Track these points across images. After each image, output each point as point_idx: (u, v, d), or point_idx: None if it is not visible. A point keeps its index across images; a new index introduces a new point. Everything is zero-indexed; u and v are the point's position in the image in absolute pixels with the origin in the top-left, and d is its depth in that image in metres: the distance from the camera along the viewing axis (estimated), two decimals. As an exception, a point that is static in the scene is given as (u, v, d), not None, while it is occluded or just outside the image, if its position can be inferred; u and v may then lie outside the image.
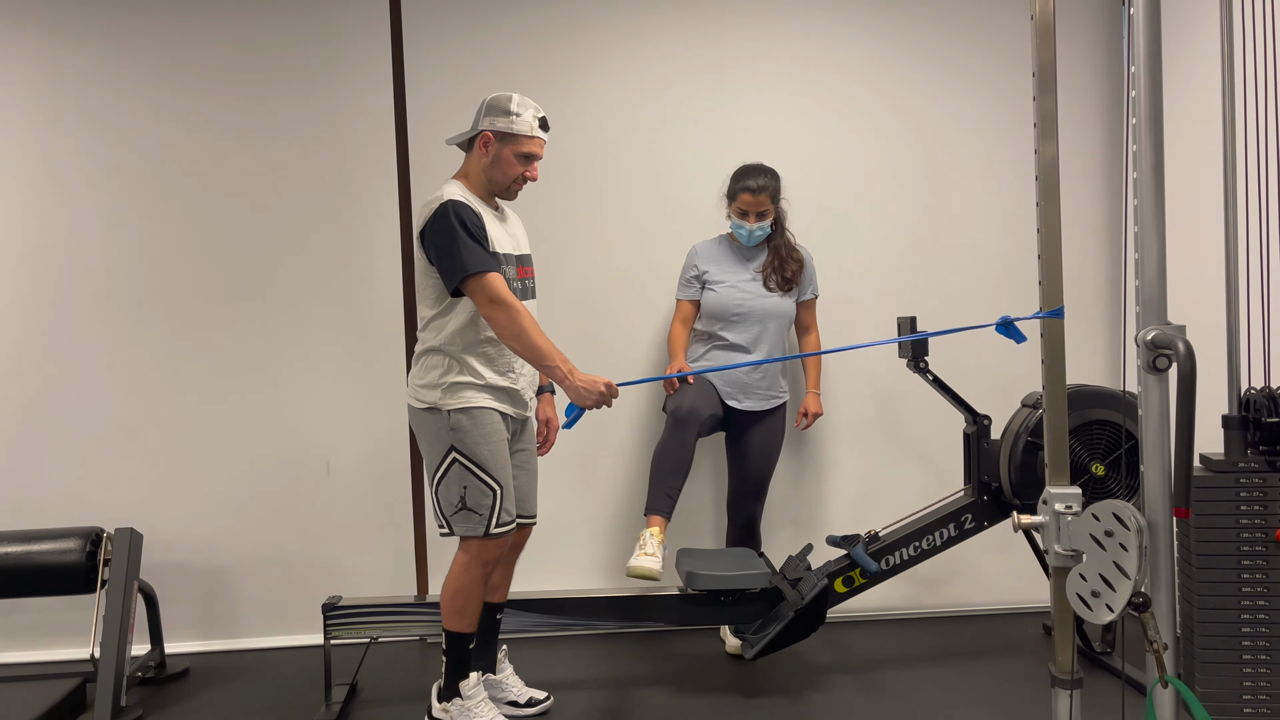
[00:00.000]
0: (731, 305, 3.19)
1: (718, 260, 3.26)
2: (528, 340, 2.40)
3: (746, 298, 3.20)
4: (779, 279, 3.22)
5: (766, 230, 3.20)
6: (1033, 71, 1.84)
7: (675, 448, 3.01)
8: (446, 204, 2.43)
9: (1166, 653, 1.64)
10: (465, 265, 2.39)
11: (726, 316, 3.20)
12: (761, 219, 3.17)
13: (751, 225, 3.16)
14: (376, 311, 3.45)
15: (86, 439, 3.37)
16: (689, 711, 2.83)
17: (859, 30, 3.62)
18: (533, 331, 2.41)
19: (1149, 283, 1.70)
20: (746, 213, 3.16)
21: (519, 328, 2.39)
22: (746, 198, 3.14)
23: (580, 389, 2.40)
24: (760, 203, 3.15)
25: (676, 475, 3.01)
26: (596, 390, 2.41)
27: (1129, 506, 1.67)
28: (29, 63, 3.33)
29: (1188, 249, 3.14)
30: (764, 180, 3.16)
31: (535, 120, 2.52)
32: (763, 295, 3.21)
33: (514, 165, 2.53)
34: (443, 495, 2.51)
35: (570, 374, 2.41)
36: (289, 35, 3.42)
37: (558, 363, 2.41)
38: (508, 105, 2.50)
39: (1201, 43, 3.19)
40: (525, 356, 2.45)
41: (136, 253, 3.38)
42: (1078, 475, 2.84)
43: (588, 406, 2.43)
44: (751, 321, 3.20)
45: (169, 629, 3.26)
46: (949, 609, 3.61)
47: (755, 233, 3.18)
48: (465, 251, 2.39)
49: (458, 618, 2.54)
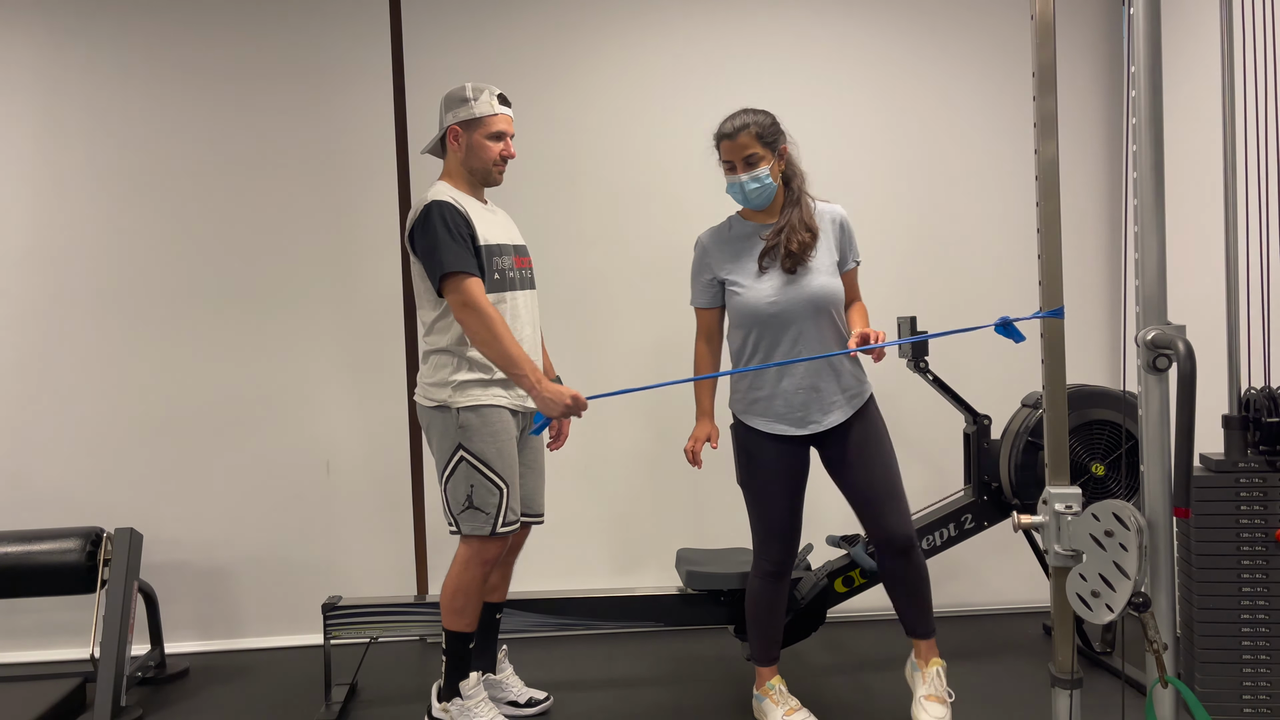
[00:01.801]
0: (763, 306, 2.52)
1: (733, 251, 2.61)
2: (498, 346, 2.40)
3: (762, 290, 2.53)
4: (786, 254, 2.51)
5: (766, 183, 2.51)
6: (1033, 71, 1.84)
7: (769, 600, 2.65)
8: (431, 205, 2.45)
9: (1166, 653, 1.64)
10: (444, 263, 2.40)
11: (763, 321, 2.54)
12: (752, 166, 2.50)
13: (742, 177, 2.51)
14: (376, 311, 3.45)
15: (86, 439, 3.38)
16: (689, 711, 2.82)
17: (859, 30, 3.62)
18: (505, 338, 2.40)
19: (1149, 283, 1.70)
20: (733, 164, 2.53)
21: (490, 333, 2.39)
22: (725, 144, 2.52)
23: (547, 399, 2.40)
24: (742, 145, 2.49)
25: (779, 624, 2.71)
26: (563, 402, 2.40)
27: (1129, 506, 1.67)
28: (28, 63, 3.33)
29: (1188, 249, 3.15)
30: (743, 119, 2.51)
31: (493, 98, 2.54)
32: (790, 282, 2.53)
33: (487, 148, 2.55)
34: (451, 493, 2.51)
35: (538, 383, 2.40)
36: (289, 35, 3.42)
37: (526, 371, 2.40)
38: (463, 94, 2.54)
39: (1201, 43, 3.19)
40: (495, 362, 2.44)
41: (136, 253, 3.38)
42: (1078, 475, 2.84)
43: (554, 417, 2.43)
44: (785, 320, 2.52)
45: (169, 629, 3.26)
46: (949, 609, 3.61)
47: (750, 186, 2.51)
48: (445, 251, 2.40)
49: (457, 617, 2.54)
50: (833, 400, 2.55)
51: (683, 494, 3.60)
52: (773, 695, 2.66)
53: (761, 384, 2.57)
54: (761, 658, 2.70)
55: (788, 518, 2.60)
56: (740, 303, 2.56)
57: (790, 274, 2.51)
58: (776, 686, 2.68)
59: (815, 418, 2.54)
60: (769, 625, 2.68)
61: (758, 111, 2.55)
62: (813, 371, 2.53)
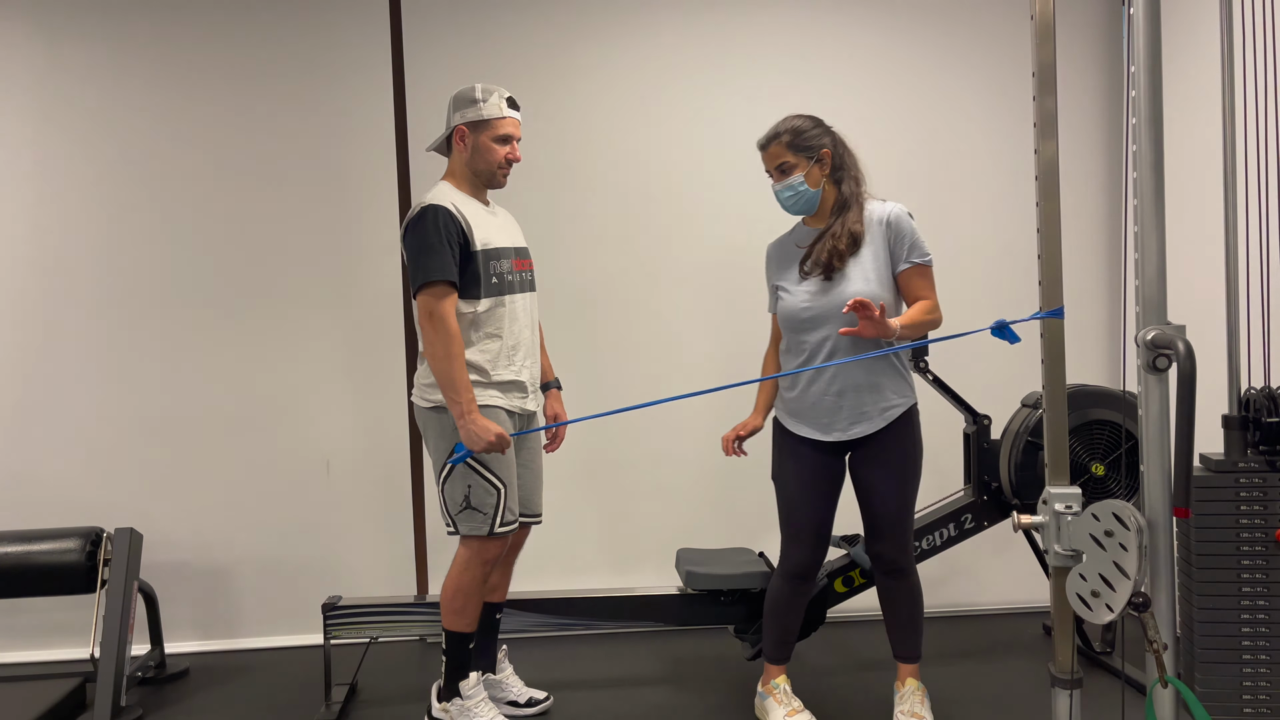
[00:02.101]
0: (798, 311, 2.54)
1: (786, 256, 2.64)
2: (448, 366, 2.39)
3: (808, 296, 2.53)
4: (825, 260, 2.49)
5: (800, 190, 2.52)
6: (1033, 71, 1.84)
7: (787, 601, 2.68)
8: (427, 208, 2.44)
9: (1166, 653, 1.64)
10: (427, 270, 2.39)
11: (798, 327, 2.55)
12: (786, 174, 2.51)
13: (777, 184, 2.55)
14: (376, 311, 3.45)
15: (86, 439, 3.37)
16: (689, 711, 2.82)
17: (859, 30, 3.62)
18: (456, 360, 2.39)
19: (1149, 283, 1.70)
20: (770, 173, 2.58)
21: (446, 351, 2.39)
22: (762, 155, 2.57)
23: (473, 432, 2.39)
24: (774, 155, 2.52)
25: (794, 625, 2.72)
26: (487, 438, 2.38)
27: (1129, 506, 1.67)
28: (26, 63, 3.33)
29: (1188, 249, 3.14)
30: (775, 128, 2.54)
31: (503, 101, 2.53)
32: (825, 289, 2.50)
33: (493, 151, 2.54)
34: (448, 494, 2.51)
35: (467, 414, 2.39)
36: (288, 35, 3.42)
37: (463, 399, 2.39)
38: (473, 95, 2.52)
39: (1201, 43, 3.19)
40: (438, 379, 2.43)
41: (136, 253, 3.38)
42: (1078, 475, 2.84)
43: (475, 450, 2.41)
44: (817, 325, 2.52)
45: (169, 629, 3.26)
46: (949, 609, 3.61)
47: (784, 195, 2.54)
48: (431, 257, 2.40)
49: (457, 617, 2.54)
50: (863, 411, 2.51)
51: (683, 494, 3.60)
52: (776, 694, 2.67)
53: (793, 386, 2.60)
54: (771, 654, 2.72)
55: (811, 522, 2.59)
56: (782, 307, 2.60)
57: (827, 280, 2.49)
58: (781, 686, 2.68)
59: (842, 426, 2.53)
60: (783, 625, 2.69)
61: (793, 118, 2.54)
62: (841, 379, 2.50)
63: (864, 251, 2.50)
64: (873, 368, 2.49)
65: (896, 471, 2.54)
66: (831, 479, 2.60)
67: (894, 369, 2.54)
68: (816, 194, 2.54)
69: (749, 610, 2.98)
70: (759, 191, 3.57)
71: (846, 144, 2.58)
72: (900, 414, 2.52)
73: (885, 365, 2.51)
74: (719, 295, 3.58)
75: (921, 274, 2.53)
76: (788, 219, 2.63)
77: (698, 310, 3.58)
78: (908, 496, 2.57)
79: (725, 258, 3.55)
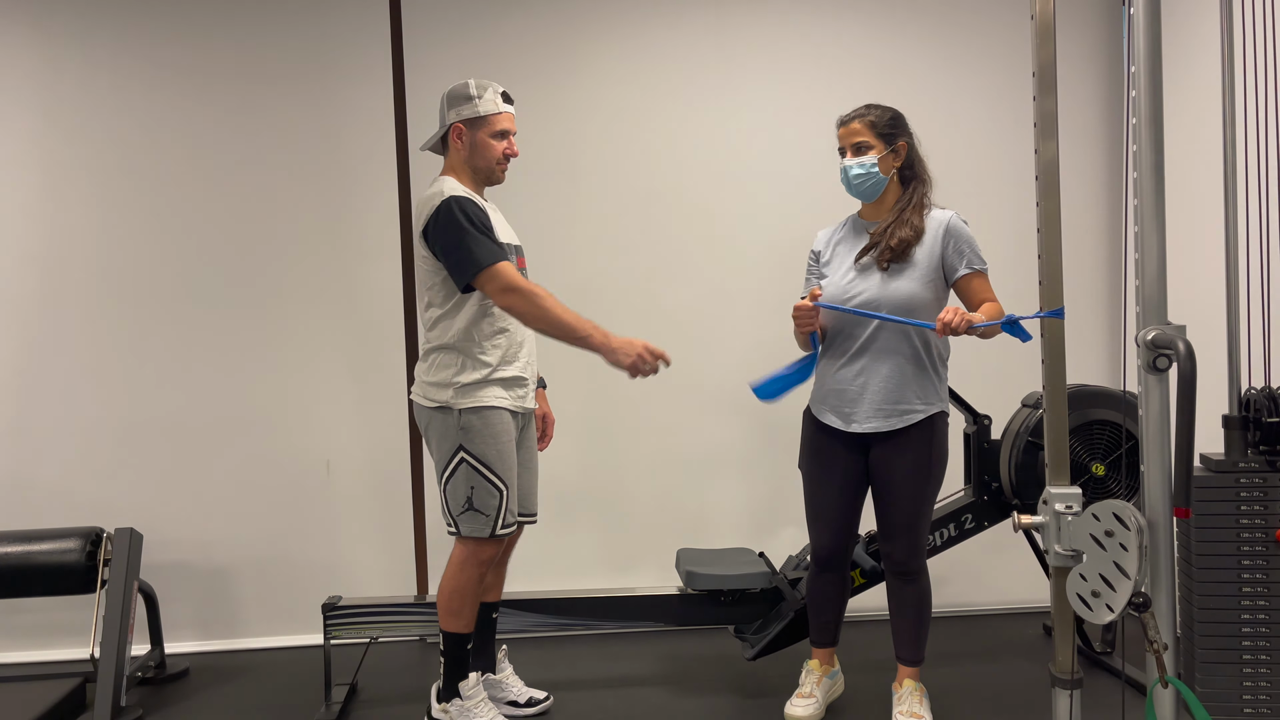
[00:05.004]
0: (837, 296, 2.52)
1: (839, 238, 2.64)
2: (553, 319, 2.36)
3: (850, 283, 2.53)
4: (895, 247, 2.48)
5: (871, 170, 2.50)
6: (1033, 71, 1.84)
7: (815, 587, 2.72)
8: (449, 200, 2.41)
9: (1166, 653, 1.64)
10: (477, 260, 2.37)
11: (836, 314, 2.54)
12: (859, 153, 2.50)
13: (848, 161, 2.52)
14: (376, 311, 3.45)
15: (86, 439, 3.37)
16: (689, 711, 2.82)
17: (859, 30, 3.62)
18: (556, 309, 2.37)
19: (1149, 283, 1.70)
20: (844, 150, 2.54)
21: (541, 309, 2.37)
22: (841, 130, 2.55)
23: (617, 349, 2.36)
24: (854, 131, 2.51)
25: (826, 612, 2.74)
26: (637, 349, 2.36)
27: (1129, 506, 1.67)
28: (26, 63, 3.33)
29: (1188, 249, 3.14)
30: (862, 109, 2.54)
31: (497, 96, 2.52)
32: (869, 278, 2.50)
33: (492, 146, 2.53)
34: (450, 495, 2.50)
35: (607, 338, 2.37)
36: (288, 35, 3.42)
37: (590, 332, 2.36)
38: (467, 91, 2.51)
39: (1201, 43, 3.19)
40: (556, 336, 2.38)
41: (136, 253, 3.38)
42: (1078, 475, 2.84)
43: (624, 367, 2.37)
44: (856, 317, 2.50)
45: (169, 629, 3.26)
46: (949, 609, 3.61)
47: (854, 171, 2.50)
48: (475, 245, 2.38)
49: (454, 618, 2.53)
50: (880, 407, 2.50)
51: (683, 494, 3.60)
52: (803, 675, 2.75)
53: (823, 370, 2.60)
54: (812, 637, 2.79)
55: (831, 510, 2.62)
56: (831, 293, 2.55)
57: (882, 272, 2.48)
58: (809, 668, 2.76)
59: (860, 418, 2.52)
60: (817, 611, 2.75)
61: (881, 107, 2.55)
62: (869, 370, 2.50)
63: (919, 252, 2.50)
64: (902, 368, 2.49)
65: (912, 474, 2.51)
66: (852, 471, 2.59)
67: (925, 374, 2.51)
68: (884, 181, 2.53)
69: (749, 610, 2.98)
70: (759, 191, 3.58)
71: (920, 149, 2.59)
72: (921, 419, 2.50)
73: (915, 369, 2.49)
74: (719, 294, 3.58)
75: (983, 279, 2.53)
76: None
77: (698, 310, 3.58)
78: (922, 501, 2.54)
79: (725, 257, 3.55)
